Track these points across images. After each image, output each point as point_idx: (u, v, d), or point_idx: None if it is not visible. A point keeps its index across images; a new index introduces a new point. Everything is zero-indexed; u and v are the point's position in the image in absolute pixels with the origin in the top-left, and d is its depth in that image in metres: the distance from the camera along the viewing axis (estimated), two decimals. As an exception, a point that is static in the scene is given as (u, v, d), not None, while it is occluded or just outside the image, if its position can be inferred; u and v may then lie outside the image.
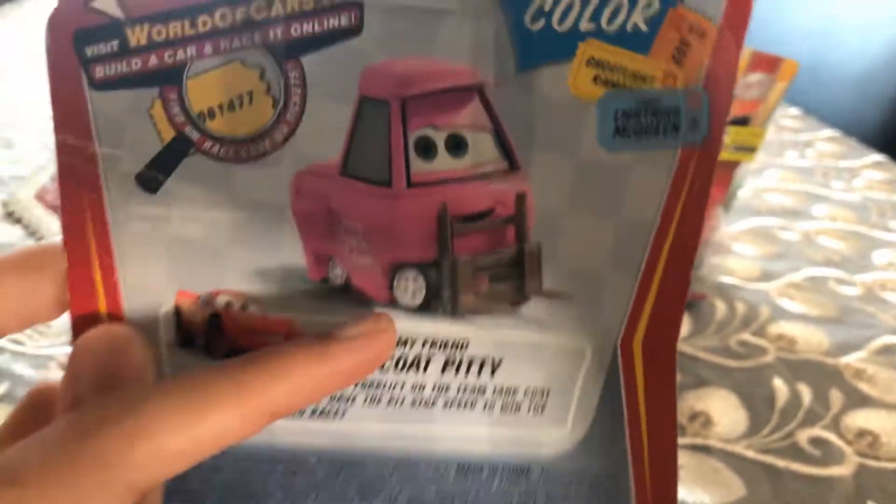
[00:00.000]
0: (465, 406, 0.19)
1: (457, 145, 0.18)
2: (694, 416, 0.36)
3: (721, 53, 0.17)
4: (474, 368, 0.19)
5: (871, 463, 0.34)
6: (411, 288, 0.18)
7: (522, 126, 0.17)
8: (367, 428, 0.19)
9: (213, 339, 0.18)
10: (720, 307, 0.46)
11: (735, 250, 0.53)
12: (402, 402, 0.19)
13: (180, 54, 0.16)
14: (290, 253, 0.18)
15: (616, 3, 0.17)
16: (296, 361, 0.16)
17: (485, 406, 0.19)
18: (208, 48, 0.16)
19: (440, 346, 0.19)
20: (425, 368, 0.19)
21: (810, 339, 0.43)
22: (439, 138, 0.18)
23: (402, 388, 0.19)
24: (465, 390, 0.19)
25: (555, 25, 0.17)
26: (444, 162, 0.18)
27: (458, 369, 0.19)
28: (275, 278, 0.18)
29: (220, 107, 0.17)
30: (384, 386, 0.19)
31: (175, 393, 0.15)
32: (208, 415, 0.14)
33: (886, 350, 0.43)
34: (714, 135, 0.17)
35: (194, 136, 0.17)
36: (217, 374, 0.15)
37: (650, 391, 0.19)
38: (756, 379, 0.39)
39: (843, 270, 0.52)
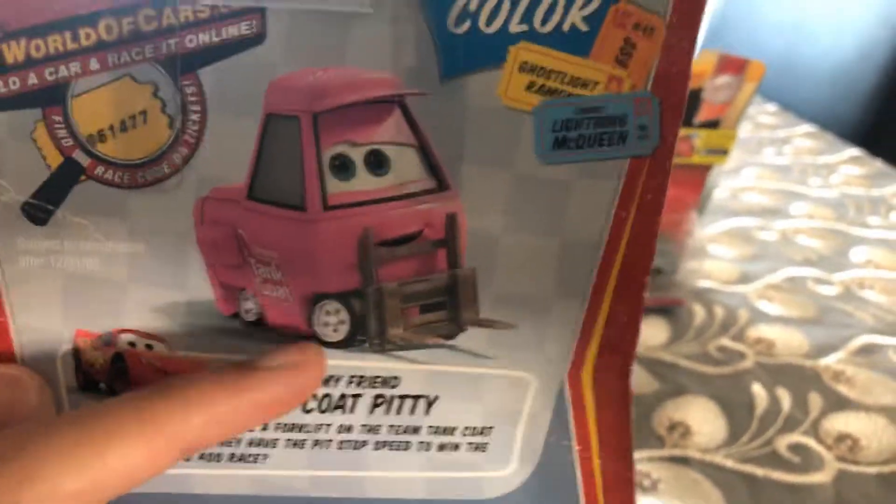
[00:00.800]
0: (397, 448, 0.18)
1: (378, 163, 0.16)
2: (673, 427, 0.36)
3: (671, 52, 0.15)
4: (407, 407, 0.18)
5: (851, 468, 0.34)
6: (333, 321, 0.17)
7: (450, 140, 0.16)
8: (292, 474, 0.18)
9: (117, 382, 0.17)
10: (699, 312, 0.45)
11: (712, 253, 0.53)
12: (329, 446, 0.18)
13: (63, 71, 0.15)
14: (197, 286, 0.16)
15: (550, 0, 0.15)
16: (210, 392, 0.14)
17: (420, 447, 0.18)
18: (94, 63, 0.15)
19: (368, 384, 0.17)
20: (352, 408, 0.18)
21: (789, 341, 0.43)
22: (357, 156, 0.16)
23: (327, 429, 0.18)
24: (397, 431, 0.18)
25: (482, 28, 0.15)
26: (364, 181, 0.16)
27: (388, 408, 0.18)
28: (182, 314, 0.16)
29: (112, 128, 0.15)
30: (308, 428, 0.18)
31: (71, 428, 0.13)
32: (110, 450, 0.13)
33: (865, 350, 0.42)
34: (666, 142, 0.16)
35: (84, 160, 0.15)
36: (119, 405, 0.14)
37: (602, 425, 0.18)
38: (735, 385, 0.39)
39: (822, 269, 0.51)
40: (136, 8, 0.14)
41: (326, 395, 0.17)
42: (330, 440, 0.18)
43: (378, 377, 0.17)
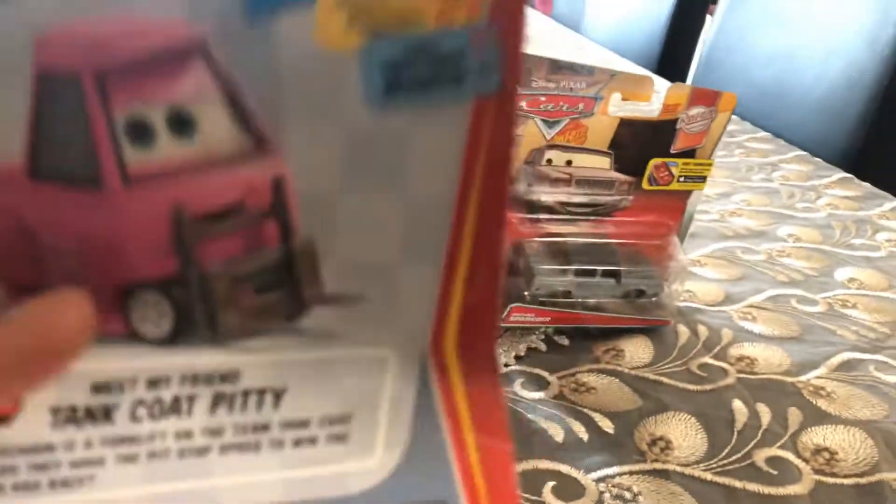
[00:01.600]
0: (246, 450, 0.16)
1: (181, 124, 0.14)
2: (654, 442, 0.37)
3: None
4: (252, 403, 0.16)
5: (829, 480, 0.35)
6: (153, 314, 0.15)
7: (266, 93, 0.14)
8: (127, 494, 0.15)
9: None
10: (683, 332, 0.47)
11: (699, 275, 0.54)
12: (167, 456, 0.15)
13: None
14: None
15: None
16: None
17: (272, 446, 0.16)
18: None
19: (204, 382, 0.15)
20: (189, 411, 0.15)
21: (770, 359, 0.44)
22: (157, 117, 0.14)
23: (163, 438, 0.15)
24: (244, 430, 0.16)
25: None
26: (167, 148, 0.14)
27: (231, 407, 0.15)
28: None
29: None
30: (139, 439, 0.15)
31: None
32: None
33: (846, 365, 0.44)
34: (510, 78, 0.14)
35: None
36: None
37: (473, 397, 0.16)
38: (716, 401, 0.40)
39: (806, 289, 0.53)
40: None
41: (156, 400, 0.15)
42: (168, 449, 0.15)
43: (215, 373, 0.15)
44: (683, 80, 1.37)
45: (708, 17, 1.39)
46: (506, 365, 0.43)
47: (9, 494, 0.15)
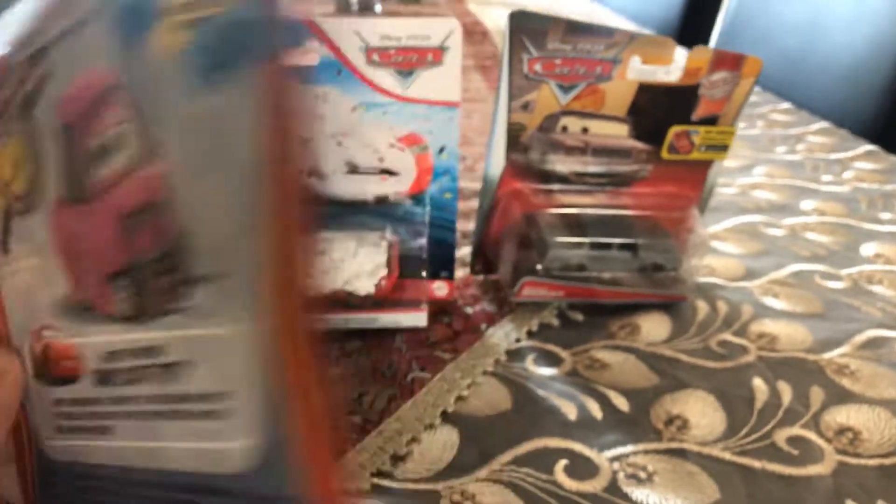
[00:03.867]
0: (157, 418, 0.18)
1: (111, 148, 0.18)
2: (671, 420, 0.36)
3: None
4: (165, 375, 0.18)
5: (851, 461, 0.33)
6: (123, 296, 0.18)
7: (145, 103, 0.17)
8: (131, 444, 0.19)
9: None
10: (702, 308, 0.45)
11: (719, 249, 0.53)
12: (138, 417, 0.19)
13: None
14: None
15: None
16: None
17: (168, 417, 0.18)
18: None
19: (143, 356, 0.19)
20: (138, 381, 0.18)
21: (793, 336, 0.43)
22: (107, 142, 0.18)
23: (135, 402, 0.19)
24: (155, 401, 0.18)
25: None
26: (114, 165, 0.18)
27: (151, 378, 0.18)
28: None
29: None
30: (127, 401, 0.19)
31: None
32: None
33: (871, 343, 0.42)
34: (287, 38, 0.15)
35: None
36: None
37: (315, 371, 0.16)
38: (736, 379, 0.39)
39: (830, 265, 0.51)
40: None
41: (124, 370, 0.18)
42: (134, 412, 0.19)
43: (143, 348, 0.18)
44: (703, 50, 1.34)
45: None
46: (517, 340, 0.41)
47: (67, 434, 0.20)
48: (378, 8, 1.51)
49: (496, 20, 1.25)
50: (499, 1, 1.56)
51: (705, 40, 1.36)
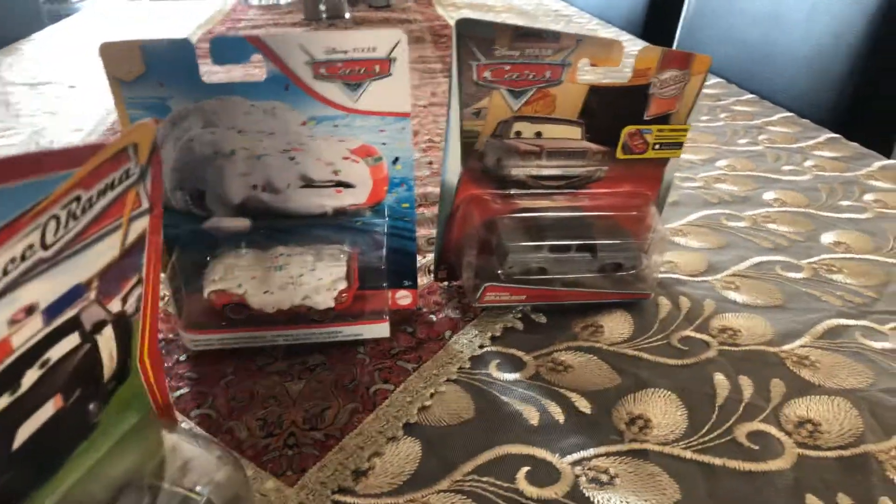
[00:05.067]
0: None
1: None
2: (632, 421, 0.36)
3: None
4: None
5: (811, 453, 0.34)
6: None
7: None
8: None
9: None
10: (664, 304, 0.45)
11: (681, 244, 0.53)
12: None
13: None
14: None
15: None
16: None
17: None
18: None
19: None
20: None
21: (753, 329, 0.43)
22: None
23: None
24: None
25: None
26: None
27: None
28: None
29: None
30: None
31: None
32: None
33: (830, 333, 0.42)
34: None
35: None
36: None
37: None
38: (697, 376, 0.39)
39: (790, 255, 0.51)
40: None
41: None
42: None
43: None
44: (670, 44, 1.35)
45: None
46: (481, 346, 0.41)
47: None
48: (347, 15, 1.50)
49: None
50: (466, 3, 1.56)
51: (671, 33, 1.37)
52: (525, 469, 0.33)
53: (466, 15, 1.34)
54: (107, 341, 0.25)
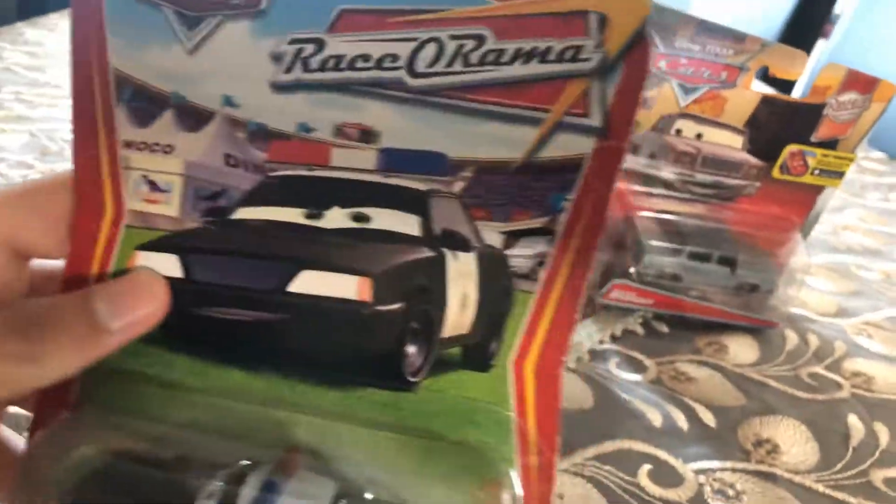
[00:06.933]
0: None
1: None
2: (759, 443, 0.34)
3: None
4: None
5: (956, 513, 0.31)
6: None
7: None
8: None
9: None
10: (791, 337, 0.43)
11: (810, 284, 0.51)
12: None
13: None
14: None
15: None
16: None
17: None
18: None
19: None
20: None
21: (890, 379, 0.40)
22: None
23: None
24: None
25: None
26: None
27: None
28: None
29: None
30: None
31: None
32: None
33: (975, 398, 0.39)
34: None
35: None
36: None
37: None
38: (829, 413, 0.37)
39: (928, 314, 0.48)
40: None
41: None
42: None
43: None
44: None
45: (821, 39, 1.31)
46: (600, 342, 0.40)
47: None
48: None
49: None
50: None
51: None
52: (647, 467, 0.31)
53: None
54: (460, 276, 0.19)
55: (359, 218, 0.18)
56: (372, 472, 0.18)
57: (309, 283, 0.18)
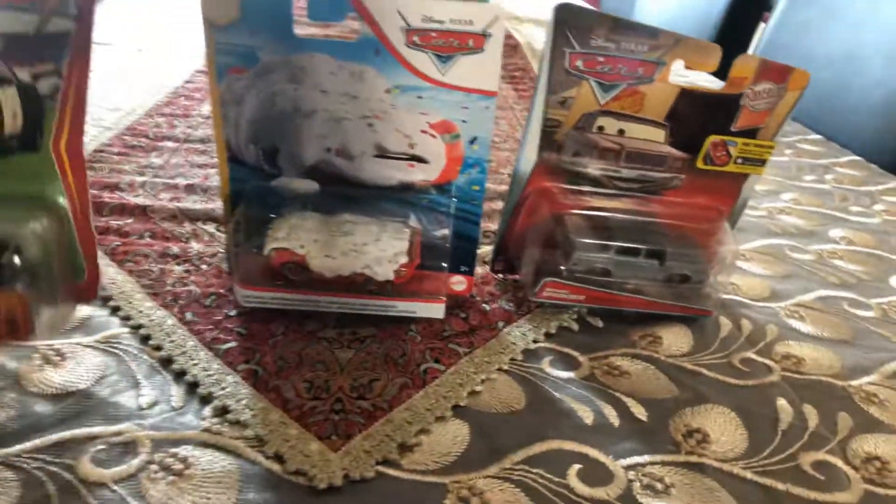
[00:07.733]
0: None
1: None
2: (690, 433, 0.34)
3: None
4: None
5: (879, 490, 0.32)
6: None
7: None
8: None
9: None
10: (725, 324, 0.44)
11: (744, 269, 0.51)
12: None
13: None
14: None
15: None
16: None
17: None
18: None
19: None
20: None
21: (820, 360, 0.41)
22: None
23: None
24: None
25: None
26: None
27: None
28: None
29: None
30: None
31: None
32: None
33: (900, 375, 0.41)
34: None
35: None
36: None
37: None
38: (759, 398, 0.37)
39: (858, 293, 0.49)
40: None
41: None
42: None
43: None
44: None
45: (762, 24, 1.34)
46: (534, 341, 0.40)
47: None
48: None
49: (527, 37, 1.25)
50: (531, 19, 1.56)
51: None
52: (577, 466, 0.32)
53: (529, 29, 1.34)
54: (8, 98, 0.31)
55: None
56: None
57: None
